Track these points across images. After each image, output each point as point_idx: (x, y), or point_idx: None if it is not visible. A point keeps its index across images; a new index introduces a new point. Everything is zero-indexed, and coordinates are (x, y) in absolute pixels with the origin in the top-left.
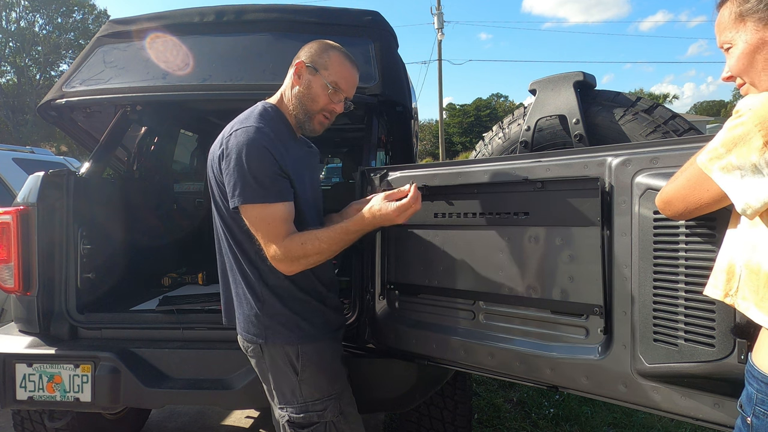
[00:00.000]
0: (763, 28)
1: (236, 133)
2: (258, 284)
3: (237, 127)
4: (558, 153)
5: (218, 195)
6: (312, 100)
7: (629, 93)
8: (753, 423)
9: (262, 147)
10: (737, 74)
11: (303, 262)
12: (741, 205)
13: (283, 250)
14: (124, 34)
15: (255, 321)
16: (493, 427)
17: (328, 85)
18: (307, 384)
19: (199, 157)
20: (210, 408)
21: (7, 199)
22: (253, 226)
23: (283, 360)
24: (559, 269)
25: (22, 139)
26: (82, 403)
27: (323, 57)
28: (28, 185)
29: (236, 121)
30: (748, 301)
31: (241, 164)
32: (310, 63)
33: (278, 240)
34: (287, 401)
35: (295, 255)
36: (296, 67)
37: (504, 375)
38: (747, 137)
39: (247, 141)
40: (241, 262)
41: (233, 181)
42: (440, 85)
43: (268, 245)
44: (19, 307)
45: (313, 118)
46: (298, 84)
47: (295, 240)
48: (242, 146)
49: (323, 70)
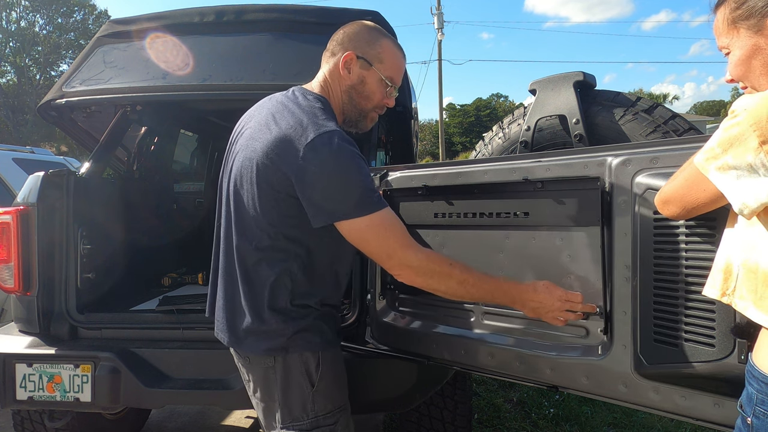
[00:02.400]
0: (756, 34)
1: (320, 140)
2: (286, 298)
3: (317, 131)
4: (558, 153)
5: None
6: (366, 98)
7: (629, 93)
8: (753, 423)
9: (354, 152)
10: (737, 79)
11: (436, 281)
12: (738, 205)
13: (423, 257)
14: (124, 34)
15: (273, 335)
16: (493, 427)
17: (384, 81)
18: (321, 395)
19: (199, 157)
20: (210, 408)
21: (7, 199)
22: (373, 236)
23: (299, 370)
24: (559, 269)
25: (22, 139)
26: (82, 403)
27: (375, 48)
28: (28, 185)
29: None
30: (746, 300)
31: (347, 176)
32: (362, 55)
33: (411, 244)
34: (294, 418)
35: (435, 270)
36: (345, 60)
37: (504, 375)
38: (742, 137)
39: (342, 148)
40: (273, 272)
41: (340, 195)
42: (440, 85)
43: (399, 250)
44: (19, 307)
45: (366, 116)
46: (348, 79)
47: (439, 256)
48: (337, 155)
49: (378, 63)
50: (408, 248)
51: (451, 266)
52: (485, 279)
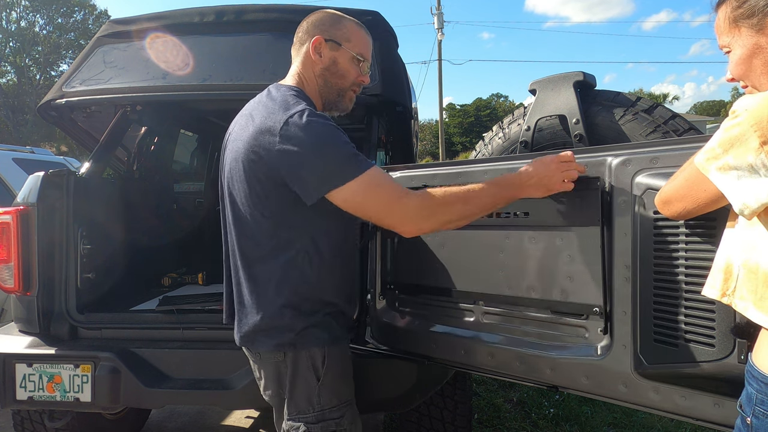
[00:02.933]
0: (757, 33)
1: (292, 121)
2: (292, 294)
3: (287, 114)
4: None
5: (259, 189)
6: (341, 77)
7: (629, 93)
8: (753, 423)
9: (327, 123)
10: (738, 78)
11: (444, 215)
12: (738, 205)
13: (419, 200)
14: (124, 34)
15: (282, 330)
16: (493, 427)
17: (356, 57)
18: (327, 389)
19: (199, 157)
20: (210, 408)
21: (7, 199)
22: (367, 198)
23: (306, 364)
24: (559, 269)
25: (22, 139)
26: (82, 403)
27: (341, 29)
28: (28, 185)
29: (270, 111)
30: (747, 300)
31: (325, 145)
32: (329, 37)
33: (403, 192)
34: (300, 411)
35: (436, 205)
36: (314, 45)
37: (504, 375)
38: (743, 138)
39: (313, 122)
40: (278, 267)
41: (323, 165)
42: (440, 85)
43: (396, 202)
44: (19, 307)
45: (344, 95)
46: (320, 63)
47: (431, 191)
48: (311, 128)
49: (346, 42)
50: (403, 198)
51: (446, 192)
52: (481, 186)
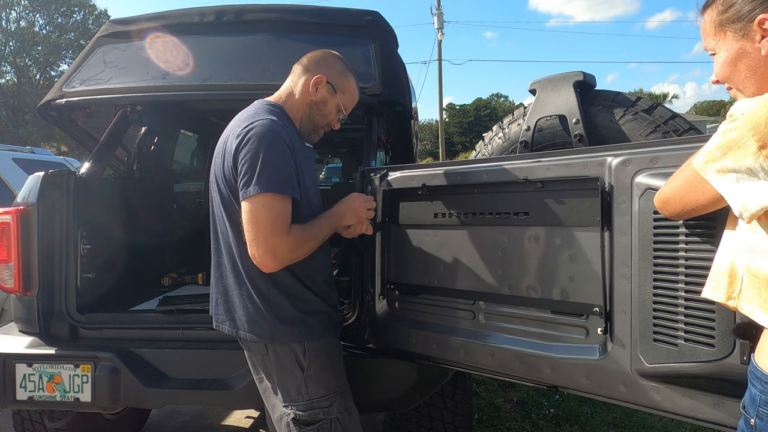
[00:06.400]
0: (742, 38)
1: (256, 125)
2: (265, 284)
3: (253, 120)
4: (558, 153)
5: (225, 189)
6: (323, 116)
7: (629, 93)
8: (756, 424)
9: (282, 141)
10: (723, 80)
11: (299, 253)
12: (738, 208)
13: (287, 244)
14: (124, 34)
15: (261, 321)
16: (493, 427)
17: (342, 108)
18: (312, 380)
19: (199, 157)
20: (210, 408)
21: (7, 199)
22: (254, 217)
23: (289, 358)
24: (559, 269)
25: (22, 139)
26: (82, 403)
27: (344, 81)
28: (28, 185)
29: (245, 117)
30: (753, 303)
31: (263, 154)
32: (331, 81)
33: (282, 233)
34: (292, 399)
35: (299, 243)
36: (315, 80)
37: (504, 375)
38: (741, 141)
39: (269, 133)
40: (249, 261)
41: (251, 170)
42: (440, 85)
43: (268, 237)
44: (19, 307)
45: (316, 131)
46: (313, 96)
47: (295, 233)
48: (263, 138)
49: (341, 93)
50: (274, 236)
51: (305, 230)
52: (319, 220)
